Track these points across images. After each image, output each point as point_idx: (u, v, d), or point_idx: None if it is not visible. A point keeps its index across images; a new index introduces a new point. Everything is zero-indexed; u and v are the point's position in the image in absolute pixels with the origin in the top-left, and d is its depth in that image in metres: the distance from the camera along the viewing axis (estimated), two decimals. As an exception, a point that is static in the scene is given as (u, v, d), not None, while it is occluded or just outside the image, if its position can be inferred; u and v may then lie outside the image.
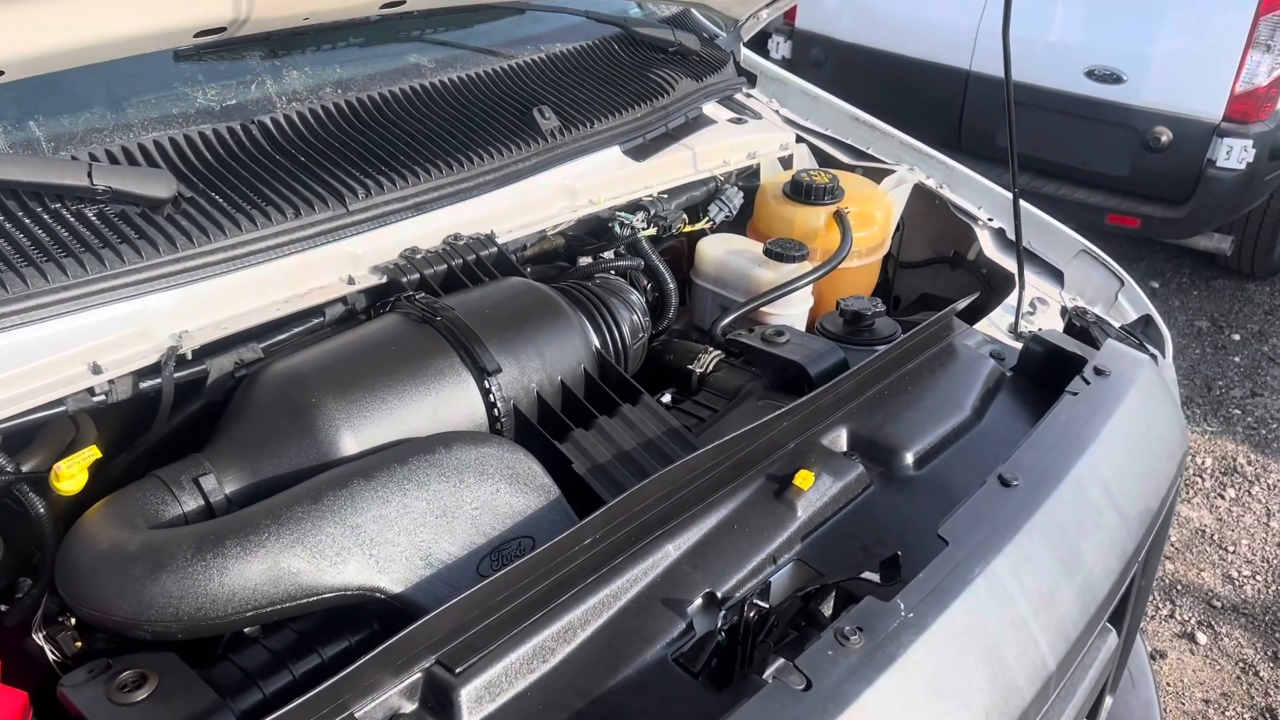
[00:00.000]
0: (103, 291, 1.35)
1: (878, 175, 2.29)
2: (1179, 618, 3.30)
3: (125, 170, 1.42)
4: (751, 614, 1.19)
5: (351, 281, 1.57)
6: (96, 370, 1.32)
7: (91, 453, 1.25)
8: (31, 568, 1.30)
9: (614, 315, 1.67)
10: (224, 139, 1.60)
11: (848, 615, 1.09)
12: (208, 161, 1.55)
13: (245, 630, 1.20)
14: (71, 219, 1.39)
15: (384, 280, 1.59)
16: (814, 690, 1.01)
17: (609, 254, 1.89)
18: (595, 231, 1.98)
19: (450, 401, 1.39)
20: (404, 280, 1.58)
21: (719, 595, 1.22)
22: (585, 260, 1.88)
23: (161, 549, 1.10)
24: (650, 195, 2.01)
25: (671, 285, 1.92)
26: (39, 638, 1.15)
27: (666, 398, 1.68)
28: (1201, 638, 3.22)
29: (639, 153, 2.06)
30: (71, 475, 1.24)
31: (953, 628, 1.12)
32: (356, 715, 1.03)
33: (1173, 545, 3.57)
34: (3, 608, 1.27)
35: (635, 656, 1.16)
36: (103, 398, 1.34)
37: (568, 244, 1.95)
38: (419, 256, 1.63)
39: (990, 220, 2.19)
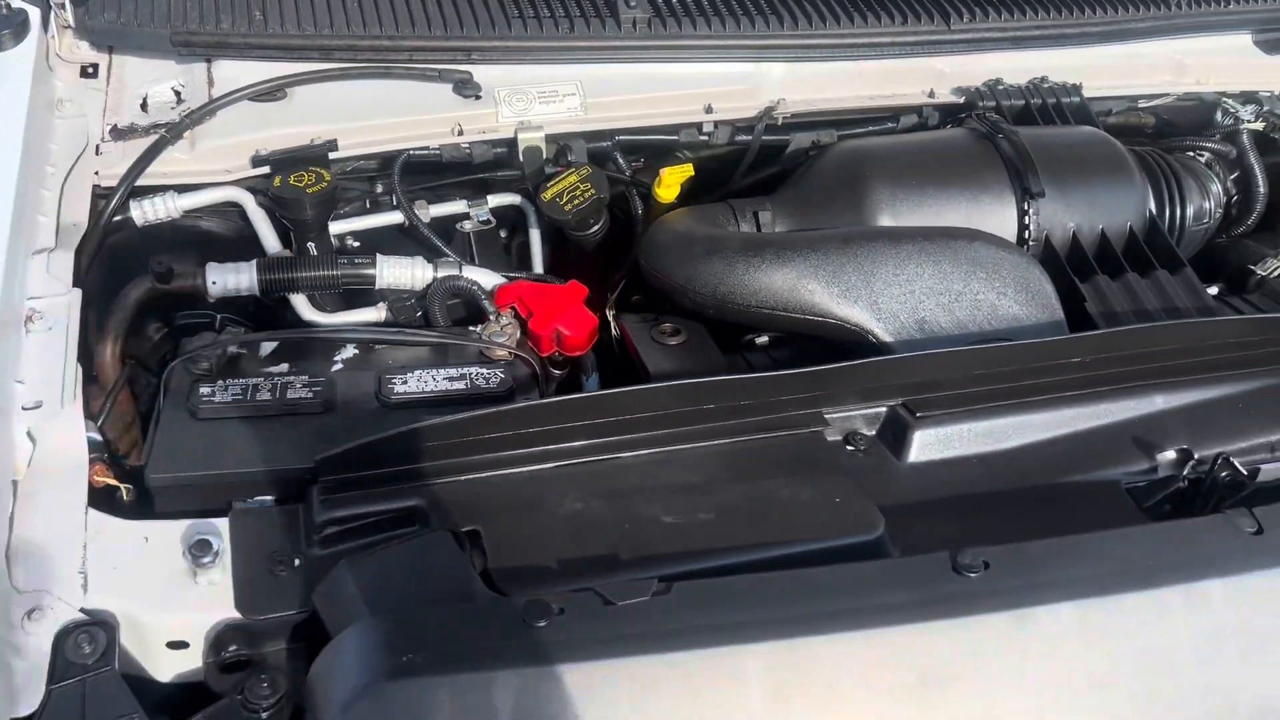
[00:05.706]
0: (729, 49, 1.62)
1: None
2: None
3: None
4: (1224, 474, 1.15)
5: (932, 95, 1.70)
6: (709, 110, 1.61)
7: (687, 170, 1.55)
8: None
9: (1182, 192, 1.61)
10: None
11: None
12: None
13: (756, 341, 1.45)
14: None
15: (961, 100, 1.69)
16: (1263, 536, 0.98)
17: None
18: (1188, 118, 1.87)
19: (986, 213, 1.47)
20: (980, 104, 1.66)
21: (1195, 455, 1.20)
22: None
23: (716, 239, 1.36)
24: (1271, 94, 1.84)
25: (1262, 189, 1.76)
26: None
27: (1214, 289, 1.60)
28: None
29: (1272, 47, 1.88)
30: (671, 185, 1.55)
31: None
32: (825, 415, 1.21)
33: None
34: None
35: (1086, 470, 1.19)
36: (705, 138, 1.63)
37: (1157, 127, 1.88)
38: (1000, 87, 1.70)
39: None
